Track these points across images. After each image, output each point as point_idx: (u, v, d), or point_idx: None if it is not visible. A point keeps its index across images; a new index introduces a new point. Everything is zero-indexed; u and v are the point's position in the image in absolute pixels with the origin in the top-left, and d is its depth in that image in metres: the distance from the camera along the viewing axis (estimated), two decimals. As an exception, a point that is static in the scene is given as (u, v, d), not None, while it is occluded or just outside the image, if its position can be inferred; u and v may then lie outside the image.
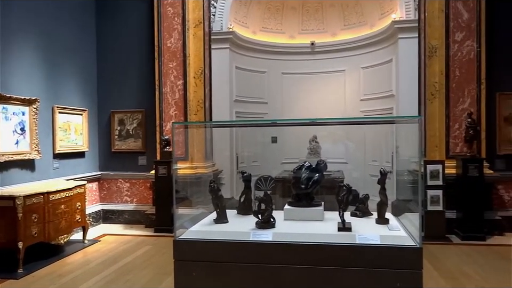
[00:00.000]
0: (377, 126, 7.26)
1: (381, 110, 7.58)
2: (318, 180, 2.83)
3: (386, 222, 2.66)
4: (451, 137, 5.96)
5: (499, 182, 5.99)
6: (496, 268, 4.49)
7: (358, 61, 8.04)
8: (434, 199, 5.72)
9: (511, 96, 5.97)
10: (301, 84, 8.49)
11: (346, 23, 8.15)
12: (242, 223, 2.79)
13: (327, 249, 2.40)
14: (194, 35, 6.60)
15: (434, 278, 4.22)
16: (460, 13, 5.90)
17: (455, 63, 5.93)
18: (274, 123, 6.49)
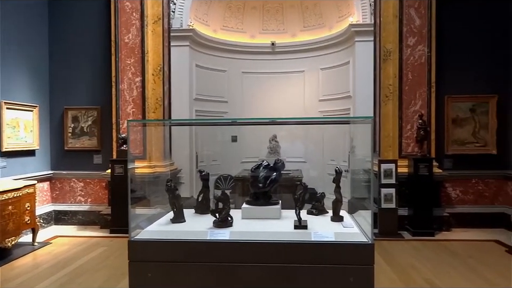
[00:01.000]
0: (334, 126, 7.44)
1: (338, 110, 7.78)
2: (276, 179, 2.86)
3: (341, 220, 2.74)
4: (403, 137, 6.21)
5: (447, 180, 6.32)
6: (444, 261, 4.75)
7: (317, 62, 8.20)
8: (388, 197, 5.94)
9: (458, 99, 6.31)
10: (261, 84, 8.54)
11: (306, 24, 8.29)
12: (199, 222, 2.77)
13: (283, 247, 2.43)
14: (153, 31, 6.47)
15: (386, 272, 4.39)
16: (413, 18, 6.17)
17: (407, 66, 6.19)
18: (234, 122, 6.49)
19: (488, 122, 6.30)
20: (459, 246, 5.38)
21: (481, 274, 4.30)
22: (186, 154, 7.49)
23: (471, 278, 4.20)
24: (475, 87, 6.30)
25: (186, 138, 7.48)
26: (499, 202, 6.35)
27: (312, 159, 8.18)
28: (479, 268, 4.49)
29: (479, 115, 6.32)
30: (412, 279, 4.19)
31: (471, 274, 4.29)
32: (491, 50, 6.33)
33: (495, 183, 6.37)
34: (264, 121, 6.34)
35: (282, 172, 7.09)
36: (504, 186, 6.33)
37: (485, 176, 6.36)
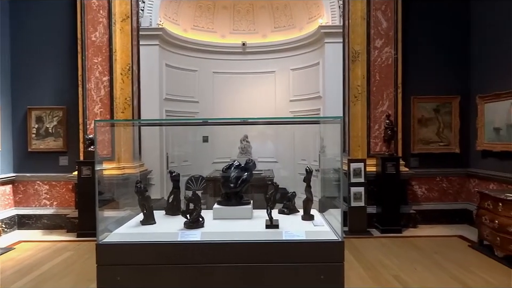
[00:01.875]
0: (305, 126, 7.53)
1: (309, 110, 7.87)
2: (247, 179, 2.86)
3: (312, 218, 2.77)
4: (372, 137, 6.36)
5: (413, 178, 6.52)
6: (410, 257, 4.89)
7: (288, 62, 8.27)
8: (357, 196, 6.06)
9: (423, 100, 6.53)
10: (232, 84, 8.53)
11: (277, 25, 8.34)
12: (170, 224, 2.74)
13: (255, 246, 2.44)
14: (121, 30, 6.34)
15: (355, 269, 4.48)
16: (380, 21, 6.32)
17: (375, 68, 6.34)
18: (205, 122, 6.44)
19: (451, 122, 6.54)
20: (425, 242, 5.56)
21: (445, 269, 4.46)
22: (156, 155, 7.38)
23: (436, 272, 4.35)
24: (439, 88, 6.53)
25: (157, 138, 7.37)
26: (462, 199, 6.61)
27: (284, 159, 8.25)
28: (443, 263, 4.65)
29: (442, 115, 6.55)
30: (380, 275, 4.30)
31: (436, 269, 4.45)
32: (453, 52, 6.58)
33: (458, 180, 6.62)
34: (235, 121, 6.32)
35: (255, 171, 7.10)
36: (467, 184, 6.59)
37: (449, 174, 6.60)
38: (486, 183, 6.08)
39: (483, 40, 6.24)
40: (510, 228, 4.45)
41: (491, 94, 5.86)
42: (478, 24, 6.38)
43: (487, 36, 6.13)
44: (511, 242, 4.46)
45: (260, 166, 7.41)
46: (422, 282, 4.07)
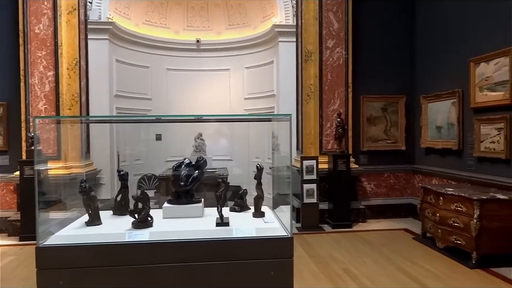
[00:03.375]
0: (259, 124, 7.56)
1: (263, 108, 7.92)
2: (198, 177, 2.83)
3: (262, 215, 2.79)
4: (324, 135, 6.51)
5: (363, 175, 6.76)
6: (359, 250, 5.07)
7: (242, 60, 8.27)
8: (310, 192, 6.19)
9: (372, 99, 6.78)
10: (186, 81, 8.40)
11: (231, 23, 8.32)
12: (117, 224, 2.65)
13: (205, 245, 2.42)
14: (67, 22, 6.05)
15: (307, 264, 4.57)
16: (331, 22, 6.48)
17: (327, 67, 6.50)
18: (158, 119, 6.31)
19: (398, 120, 6.85)
20: (373, 235, 5.78)
21: (392, 260, 4.67)
22: (106, 153, 7.12)
23: (384, 264, 4.54)
24: (387, 88, 6.81)
25: (107, 137, 7.11)
26: (407, 194, 6.95)
27: (238, 157, 8.26)
28: (390, 255, 4.86)
29: (390, 114, 6.84)
30: (331, 269, 4.42)
31: (384, 261, 4.64)
32: (400, 54, 6.89)
33: (404, 176, 6.95)
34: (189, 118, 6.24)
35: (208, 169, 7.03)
36: (412, 179, 6.93)
37: (396, 170, 6.91)
38: (429, 178, 6.43)
39: (426, 44, 6.57)
40: (450, 220, 4.73)
41: (433, 94, 6.20)
42: (422, 29, 6.71)
43: (429, 40, 6.47)
44: (451, 234, 4.74)
45: (214, 164, 7.37)
46: (370, 275, 4.22)
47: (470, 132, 5.40)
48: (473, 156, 5.34)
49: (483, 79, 5.11)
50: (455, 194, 4.73)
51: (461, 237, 4.59)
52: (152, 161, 7.89)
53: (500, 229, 4.40)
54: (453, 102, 5.74)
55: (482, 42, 5.16)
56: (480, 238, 4.36)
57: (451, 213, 4.74)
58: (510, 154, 4.73)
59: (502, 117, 4.80)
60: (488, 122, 5.03)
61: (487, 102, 5.07)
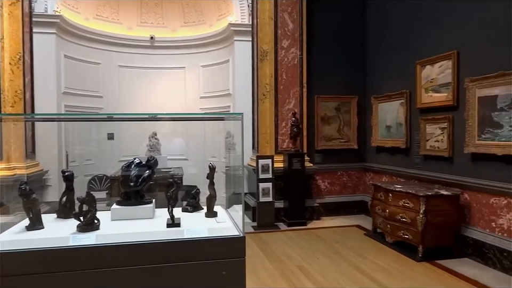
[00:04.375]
0: (215, 123, 7.52)
1: (219, 107, 7.87)
2: (148, 177, 2.75)
3: (215, 215, 2.76)
4: (279, 134, 6.58)
5: (317, 173, 6.89)
6: (313, 247, 5.16)
7: (198, 59, 8.16)
8: (265, 191, 6.23)
9: (326, 99, 6.93)
10: (140, 79, 8.17)
11: (186, 20, 8.19)
12: (61, 228, 2.51)
13: (155, 247, 2.35)
14: (10, 14, 5.70)
15: (262, 262, 4.60)
16: (286, 22, 6.55)
17: (282, 67, 6.56)
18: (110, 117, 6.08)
19: (350, 120, 7.05)
20: (327, 232, 5.91)
21: (344, 256, 4.79)
22: (54, 154, 6.78)
23: (336, 260, 4.65)
24: (340, 88, 6.99)
25: (54, 136, 6.76)
26: (360, 191, 7.17)
27: (194, 156, 8.15)
28: (342, 251, 4.99)
29: (343, 114, 7.03)
30: (285, 266, 4.47)
31: (336, 257, 4.75)
32: (352, 55, 7.10)
33: (356, 174, 7.17)
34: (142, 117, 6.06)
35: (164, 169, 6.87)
36: (363, 177, 7.16)
37: (348, 168, 7.11)
38: (380, 176, 6.67)
39: (376, 46, 6.82)
40: (398, 216, 4.93)
41: (383, 95, 6.44)
42: (372, 31, 6.95)
43: (379, 42, 6.71)
44: (399, 229, 4.94)
45: (170, 163, 7.23)
46: (323, 271, 4.31)
47: (417, 131, 5.65)
48: (420, 154, 5.59)
49: (428, 81, 5.37)
50: (402, 191, 4.93)
51: (408, 232, 4.79)
52: (103, 161, 7.61)
53: (443, 223, 4.64)
54: (401, 103, 5.98)
55: (428, 45, 5.42)
56: (425, 232, 4.58)
57: (399, 209, 4.94)
58: (452, 152, 5.00)
59: (446, 117, 5.06)
60: (433, 122, 5.30)
61: (432, 103, 5.33)
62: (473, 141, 4.58)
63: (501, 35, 4.29)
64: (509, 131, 4.12)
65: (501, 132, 4.22)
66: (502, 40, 4.28)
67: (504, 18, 4.25)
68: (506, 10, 4.23)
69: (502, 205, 4.28)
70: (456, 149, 4.93)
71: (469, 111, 4.61)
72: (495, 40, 4.36)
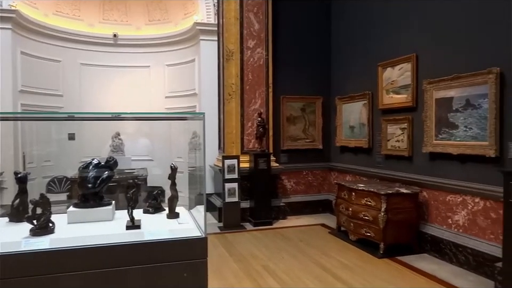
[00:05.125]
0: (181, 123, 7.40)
1: (185, 107, 7.78)
2: (107, 178, 2.67)
3: (177, 216, 2.72)
4: (245, 134, 6.58)
5: (283, 173, 6.94)
6: (279, 247, 5.19)
7: (163, 58, 8.04)
8: (231, 191, 6.21)
9: (292, 99, 7.00)
10: (102, 77, 7.95)
11: (151, 18, 8.04)
12: (13, 232, 2.40)
13: (114, 249, 2.28)
14: (-40, 8, 5.40)
15: (228, 262, 4.58)
16: (252, 22, 6.56)
17: (248, 67, 6.57)
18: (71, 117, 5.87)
19: (315, 120, 7.15)
20: (292, 231, 5.97)
21: (308, 254, 4.85)
22: (10, 154, 6.48)
23: (301, 259, 4.70)
24: (305, 89, 7.07)
25: (10, 136, 6.46)
26: (324, 190, 7.29)
27: (159, 156, 8.01)
28: (307, 249, 5.05)
29: (308, 114, 7.12)
30: (251, 266, 4.47)
31: (301, 256, 4.80)
32: (317, 56, 7.19)
33: (321, 173, 7.28)
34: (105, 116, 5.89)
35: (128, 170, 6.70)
36: (328, 176, 7.29)
37: (314, 168, 7.21)
38: (344, 175, 6.80)
39: (341, 48, 6.95)
40: (361, 214, 5.04)
41: (347, 96, 6.57)
42: (336, 33, 7.08)
43: (344, 44, 6.85)
44: (362, 227, 5.06)
45: (134, 164, 7.08)
46: (288, 269, 4.34)
47: (379, 131, 5.81)
48: (381, 154, 5.75)
49: (389, 83, 5.53)
50: (365, 189, 5.05)
51: (370, 229, 4.91)
52: (64, 162, 7.34)
53: (403, 221, 4.79)
54: (364, 104, 6.13)
55: (389, 48, 5.58)
56: (386, 229, 4.71)
57: (362, 207, 5.06)
58: (412, 152, 5.17)
59: (405, 118, 5.23)
60: (394, 123, 5.46)
61: (392, 104, 5.49)
62: (431, 141, 4.75)
63: (456, 40, 4.48)
64: (464, 131, 4.31)
65: (456, 132, 4.40)
66: (457, 45, 4.47)
67: (459, 24, 4.44)
68: (461, 16, 4.42)
69: (458, 202, 4.47)
70: (415, 149, 5.11)
71: (427, 112, 4.78)
72: (451, 44, 4.55)
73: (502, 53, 3.91)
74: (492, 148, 3.96)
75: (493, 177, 3.81)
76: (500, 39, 3.94)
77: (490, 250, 3.99)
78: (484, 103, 4.07)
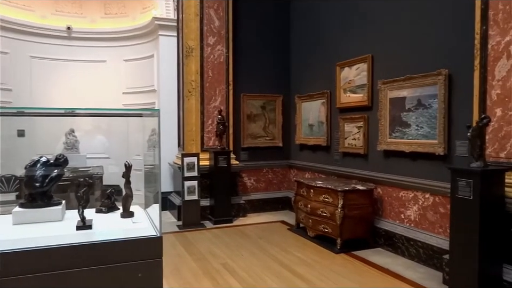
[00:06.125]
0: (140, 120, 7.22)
1: (143, 104, 7.59)
2: (57, 177, 2.56)
3: (132, 215, 2.65)
4: (205, 131, 6.52)
5: (243, 171, 6.95)
6: (238, 244, 5.19)
7: (120, 52, 7.81)
8: (191, 189, 6.15)
9: (252, 97, 7.01)
10: (56, 71, 7.61)
11: (108, 12, 7.78)
12: (-49, 235, 2.25)
13: (63, 251, 2.19)
14: None
15: (186, 261, 4.53)
16: (212, 19, 6.50)
17: (208, 64, 6.51)
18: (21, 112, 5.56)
19: (275, 118, 7.21)
20: (252, 229, 5.99)
21: (267, 251, 4.88)
22: (-48, 152, 6.05)
23: (260, 256, 4.72)
24: (266, 87, 7.10)
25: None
26: (284, 188, 7.36)
27: (116, 154, 7.76)
28: (266, 246, 5.09)
29: (268, 112, 7.16)
30: (210, 264, 4.44)
31: (260, 253, 4.83)
32: (277, 54, 7.25)
33: (281, 171, 7.35)
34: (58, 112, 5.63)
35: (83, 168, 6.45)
36: (288, 174, 7.37)
37: (274, 165, 7.27)
38: (303, 172, 6.91)
39: (300, 47, 7.04)
40: (319, 210, 5.14)
41: (306, 94, 6.67)
42: (296, 31, 7.16)
43: (303, 43, 6.94)
44: (320, 224, 5.15)
45: (90, 162, 6.82)
46: (247, 267, 4.35)
47: (337, 130, 5.94)
48: (339, 151, 5.89)
49: (347, 82, 5.67)
50: (323, 186, 5.15)
51: (328, 225, 5.02)
52: (13, 161, 6.93)
53: (359, 216, 4.93)
54: (323, 102, 6.24)
55: (347, 48, 5.71)
56: (343, 225, 4.83)
57: (320, 204, 5.16)
58: (368, 149, 5.32)
59: (362, 117, 5.38)
60: (351, 121, 5.60)
61: (349, 103, 5.63)
62: (385, 139, 4.92)
63: (409, 42, 4.65)
64: (416, 130, 4.49)
65: (409, 130, 4.58)
66: (410, 47, 4.65)
67: (412, 27, 4.62)
68: (414, 20, 4.60)
69: (410, 198, 4.66)
70: (370, 147, 5.27)
71: (382, 111, 4.95)
72: (404, 46, 4.73)
73: (451, 56, 4.11)
74: (440, 146, 4.16)
75: (442, 173, 4.01)
76: (449, 42, 4.14)
77: (438, 243, 4.19)
78: (434, 103, 4.26)
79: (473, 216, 3.25)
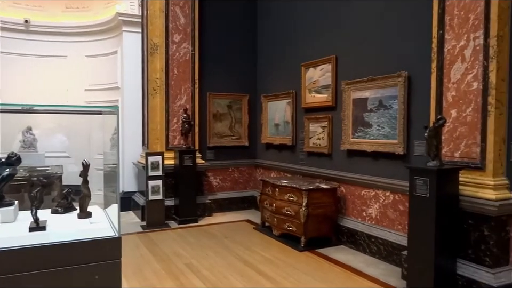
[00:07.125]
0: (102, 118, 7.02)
1: (106, 101, 7.37)
2: (8, 176, 2.44)
3: (89, 216, 2.56)
4: (170, 130, 6.42)
5: (209, 170, 6.90)
6: (203, 244, 5.16)
7: (82, 48, 7.55)
8: (155, 189, 6.04)
9: (218, 96, 6.98)
10: (12, 66, 7.26)
11: (69, 5, 7.51)
12: None
13: (14, 254, 2.09)
14: None
15: (150, 262, 4.45)
16: (178, 16, 6.41)
17: (174, 62, 6.41)
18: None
19: (241, 117, 7.21)
20: (217, 228, 5.96)
21: (233, 251, 4.88)
22: None
23: (224, 255, 4.71)
24: (232, 86, 7.09)
25: None
26: (250, 187, 7.38)
27: (77, 153, 7.50)
28: (231, 246, 5.08)
29: (234, 111, 7.15)
30: (174, 265, 4.38)
31: (225, 252, 4.81)
32: (244, 54, 7.25)
33: (247, 170, 7.36)
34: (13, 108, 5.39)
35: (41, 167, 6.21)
36: (254, 173, 7.39)
37: (240, 165, 7.27)
38: (269, 172, 6.94)
39: (266, 47, 7.07)
40: (284, 209, 5.18)
41: (272, 94, 6.71)
42: (262, 31, 7.19)
43: (269, 42, 6.98)
44: (284, 222, 5.20)
45: (48, 161, 6.57)
46: (211, 266, 4.33)
47: (302, 129, 6.01)
48: (304, 151, 5.96)
49: (311, 82, 5.75)
50: (288, 185, 5.20)
51: (292, 224, 5.07)
52: (-36, 160, 6.58)
53: (323, 215, 5.01)
54: (288, 102, 6.30)
55: (311, 49, 5.78)
56: (307, 223, 4.89)
57: (285, 203, 5.20)
58: (332, 149, 5.42)
59: (326, 117, 5.47)
60: (315, 121, 5.68)
61: (314, 103, 5.71)
62: (348, 139, 5.02)
63: (371, 44, 4.78)
64: (377, 130, 4.62)
65: (370, 130, 4.70)
66: (372, 49, 4.77)
67: (374, 29, 4.74)
68: (376, 22, 4.72)
69: (371, 196, 4.78)
70: (334, 146, 5.36)
71: (345, 112, 5.05)
72: (367, 48, 4.84)
73: (411, 58, 4.25)
74: (400, 146, 4.29)
75: (401, 172, 4.14)
76: (409, 45, 4.28)
77: (398, 240, 4.33)
78: (394, 104, 4.39)
79: (429, 213, 3.38)
